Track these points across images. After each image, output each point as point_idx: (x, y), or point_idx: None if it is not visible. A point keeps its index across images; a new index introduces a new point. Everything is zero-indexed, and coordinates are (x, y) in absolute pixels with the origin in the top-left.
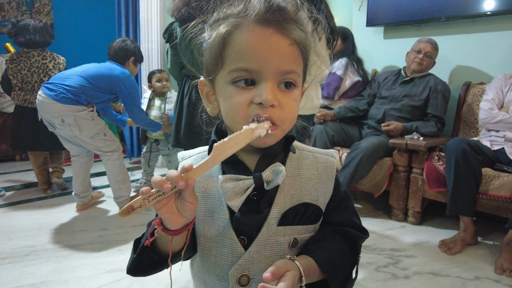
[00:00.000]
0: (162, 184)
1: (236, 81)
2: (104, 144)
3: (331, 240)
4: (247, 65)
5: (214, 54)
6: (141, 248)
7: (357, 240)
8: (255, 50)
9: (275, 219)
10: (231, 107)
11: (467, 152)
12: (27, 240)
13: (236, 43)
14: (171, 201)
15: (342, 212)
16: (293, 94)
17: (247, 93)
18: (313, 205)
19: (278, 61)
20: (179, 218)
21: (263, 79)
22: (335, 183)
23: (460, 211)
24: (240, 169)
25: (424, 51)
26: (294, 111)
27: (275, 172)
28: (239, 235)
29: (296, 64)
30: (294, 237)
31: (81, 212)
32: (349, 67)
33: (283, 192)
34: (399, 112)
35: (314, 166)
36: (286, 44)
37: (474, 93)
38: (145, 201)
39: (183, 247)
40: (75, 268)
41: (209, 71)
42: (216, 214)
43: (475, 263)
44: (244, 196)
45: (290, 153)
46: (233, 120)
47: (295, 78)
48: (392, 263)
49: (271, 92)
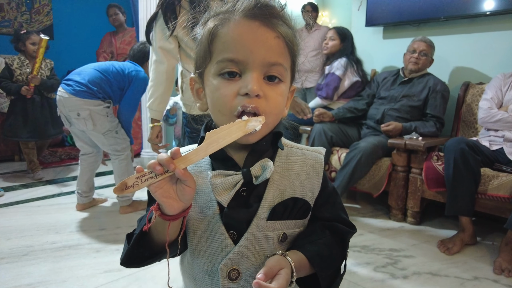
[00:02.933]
0: (155, 166)
1: (222, 72)
2: (115, 142)
3: (320, 235)
4: (233, 56)
5: (203, 48)
6: (137, 237)
7: (346, 235)
8: (241, 41)
9: (264, 213)
10: (217, 99)
11: (466, 152)
12: (25, 240)
13: (223, 35)
14: (167, 185)
15: (330, 208)
16: (279, 88)
17: (233, 85)
18: (301, 199)
19: (263, 52)
20: (176, 203)
21: (249, 70)
22: (323, 179)
23: (459, 211)
24: (229, 165)
25: (419, 50)
26: (279, 105)
27: (263, 167)
28: (229, 230)
29: (282, 57)
30: (283, 231)
31: (80, 212)
32: (348, 68)
33: (272, 187)
34: (398, 112)
35: (303, 162)
36: (272, 37)
37: (473, 93)
38: (138, 180)
39: (178, 235)
40: (73, 268)
41: (198, 65)
42: (205, 209)
43: (474, 263)
44: (233, 191)
45: (279, 150)
46: (220, 112)
47: (281, 72)
48: (390, 263)
49: (257, 82)
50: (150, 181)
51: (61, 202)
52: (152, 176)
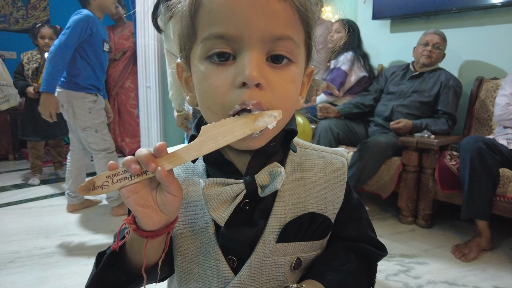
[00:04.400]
0: (130, 164)
1: (210, 54)
2: (93, 140)
3: (344, 260)
4: (222, 30)
5: (186, 23)
6: (107, 258)
7: (374, 259)
8: (232, 8)
9: (273, 234)
10: (205, 92)
11: (484, 151)
12: (12, 246)
13: (209, 3)
14: (144, 190)
15: (355, 225)
16: (288, 71)
17: (225, 72)
18: (320, 215)
19: (264, 21)
20: (156, 215)
21: (245, 48)
22: (347, 188)
23: (476, 214)
24: (228, 171)
25: (432, 42)
26: (290, 96)
27: (272, 174)
28: (227, 255)
29: (291, 28)
30: (297, 256)
31: (72, 214)
32: (355, 62)
33: (283, 200)
34: (407, 109)
35: (321, 167)
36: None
37: (487, 89)
38: (109, 180)
39: (160, 256)
40: (61, 277)
41: (182, 47)
42: (197, 227)
43: (493, 271)
44: (233, 206)
45: (290, 152)
46: (210, 110)
47: (291, 48)
48: (403, 271)
49: (256, 65)
50: (123, 183)
51: (54, 204)
52: (126, 177)
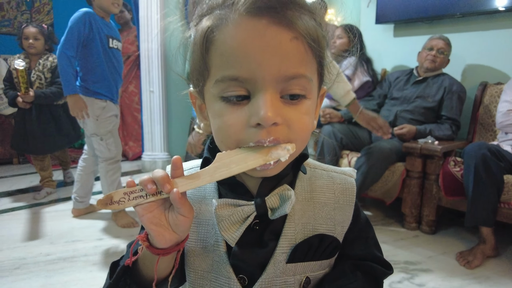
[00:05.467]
0: (146, 184)
1: (225, 95)
2: (98, 147)
3: (351, 278)
4: (236, 73)
5: (197, 59)
6: (120, 271)
7: (380, 277)
8: (244, 51)
9: (283, 254)
10: (220, 128)
11: (488, 158)
12: (18, 252)
13: (221, 44)
14: (157, 210)
15: (363, 244)
16: (303, 106)
17: (239, 111)
18: (329, 236)
19: (277, 63)
20: (168, 234)
21: (259, 90)
22: (355, 209)
23: (480, 221)
24: (239, 192)
25: (437, 47)
26: (306, 128)
27: (282, 198)
28: (238, 273)
29: (304, 66)
30: (306, 275)
31: (77, 219)
32: (358, 67)
33: (293, 221)
34: (411, 114)
35: (330, 188)
36: (288, 39)
37: (491, 94)
38: (126, 197)
39: (170, 272)
40: (66, 284)
41: (194, 81)
42: (209, 245)
43: (497, 278)
44: (243, 227)
45: (300, 173)
46: (224, 145)
47: (304, 85)
48: (407, 278)
49: (271, 106)
50: (139, 201)
51: (58, 209)
52: (142, 195)
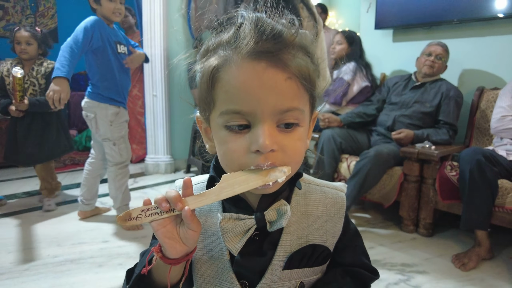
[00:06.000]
0: (161, 202)
1: (228, 125)
2: (109, 152)
3: (341, 283)
4: (238, 107)
5: (204, 92)
6: (136, 278)
7: (368, 281)
8: (246, 90)
9: (280, 262)
10: (225, 154)
11: (483, 164)
12: (27, 254)
13: (225, 83)
14: (170, 225)
15: (351, 252)
16: (296, 133)
17: (241, 139)
18: (321, 246)
19: (273, 99)
20: (179, 246)
21: (258, 121)
22: (345, 221)
23: (475, 225)
24: (241, 206)
25: (435, 53)
26: (299, 152)
27: (279, 212)
28: (240, 279)
29: (296, 100)
30: (300, 280)
31: (82, 222)
32: (357, 72)
33: (289, 232)
34: (409, 119)
35: (323, 202)
36: (282, 79)
37: (488, 99)
38: (142, 214)
39: (181, 278)
40: (74, 285)
41: (201, 109)
42: (214, 253)
43: (491, 280)
44: (245, 239)
45: (296, 188)
46: (228, 167)
47: (298, 116)
48: (403, 280)
49: (269, 135)
50: (154, 217)
51: (64, 212)
52: (157, 212)
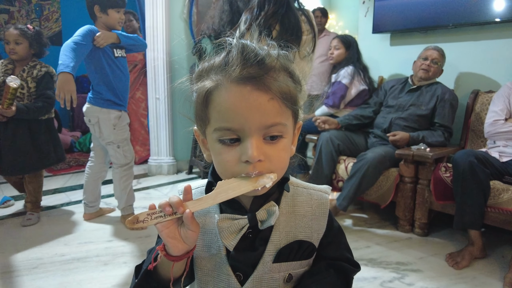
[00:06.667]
0: (165, 207)
1: (222, 139)
2: (114, 154)
3: (325, 274)
4: (229, 125)
5: (200, 111)
6: (143, 273)
7: (350, 273)
8: (235, 110)
9: (270, 256)
10: (219, 163)
11: (475, 165)
12: (35, 252)
13: (217, 104)
14: (173, 226)
15: (335, 248)
16: (280, 144)
17: (233, 151)
18: (307, 242)
19: (259, 117)
20: (181, 244)
21: (247, 136)
22: (329, 219)
23: (467, 225)
24: (235, 207)
25: (431, 57)
26: (283, 160)
27: (269, 212)
28: (235, 271)
29: (279, 116)
30: (288, 272)
31: (88, 222)
32: (355, 76)
33: (278, 229)
34: (405, 121)
35: (308, 203)
36: (266, 100)
37: (482, 102)
38: (148, 217)
39: (183, 273)
40: (81, 282)
41: (198, 124)
42: (212, 249)
43: (483, 278)
44: (239, 236)
45: (284, 191)
46: (223, 175)
47: (281, 129)
48: (397, 278)
49: (256, 148)
50: (159, 220)
51: (70, 212)
52: (161, 215)
